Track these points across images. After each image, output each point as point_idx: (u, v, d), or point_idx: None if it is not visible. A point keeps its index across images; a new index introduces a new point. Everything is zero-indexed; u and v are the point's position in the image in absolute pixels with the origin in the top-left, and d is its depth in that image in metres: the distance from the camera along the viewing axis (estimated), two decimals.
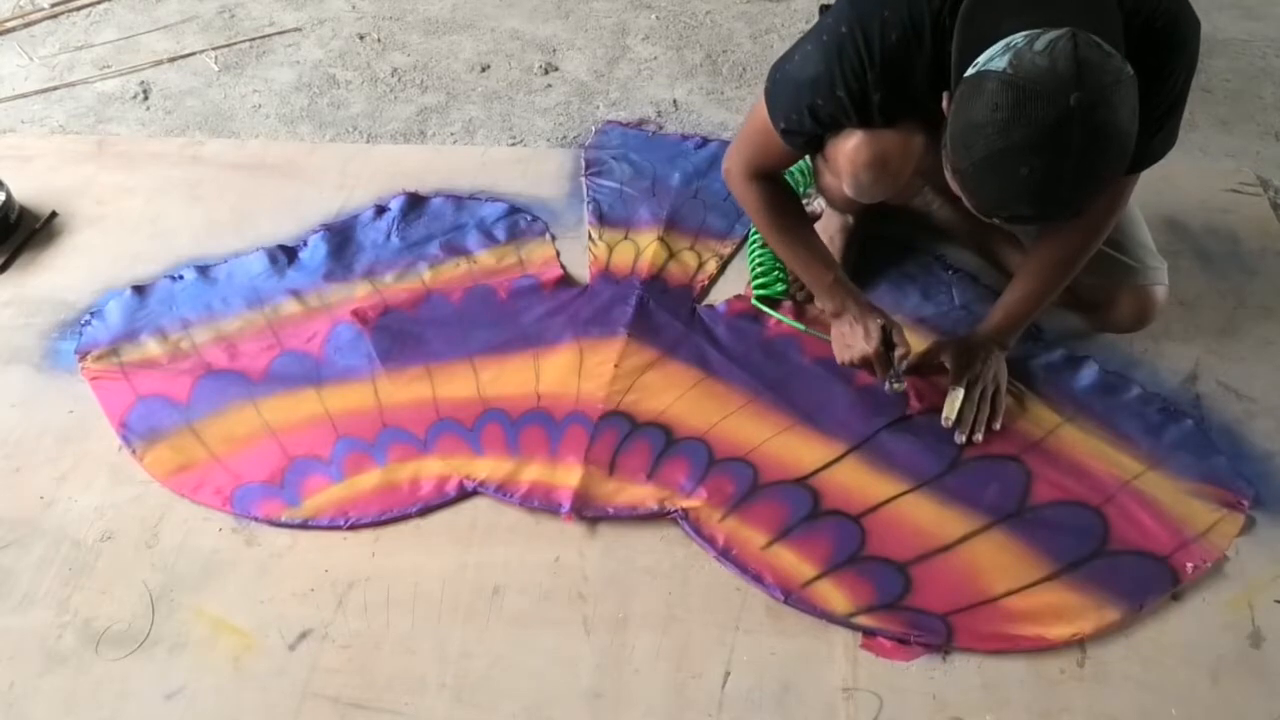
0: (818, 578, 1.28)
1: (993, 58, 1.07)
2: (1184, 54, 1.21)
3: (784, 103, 1.34)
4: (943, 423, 1.41)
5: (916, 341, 1.55)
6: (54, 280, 1.74)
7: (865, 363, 1.46)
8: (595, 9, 2.48)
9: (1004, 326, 1.46)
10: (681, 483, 1.38)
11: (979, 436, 1.41)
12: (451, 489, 1.38)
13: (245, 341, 1.60)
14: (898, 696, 1.18)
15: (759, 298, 1.64)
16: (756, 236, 1.72)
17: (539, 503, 1.36)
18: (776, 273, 1.66)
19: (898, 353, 1.44)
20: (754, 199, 1.47)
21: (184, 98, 2.21)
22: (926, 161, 1.29)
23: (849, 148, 1.31)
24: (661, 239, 1.77)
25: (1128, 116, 1.06)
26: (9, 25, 2.44)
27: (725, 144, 1.96)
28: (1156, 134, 1.26)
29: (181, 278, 1.71)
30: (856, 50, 1.22)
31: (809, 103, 1.29)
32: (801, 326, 1.59)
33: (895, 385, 1.45)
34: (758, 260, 1.69)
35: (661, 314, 1.62)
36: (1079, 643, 1.22)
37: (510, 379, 1.53)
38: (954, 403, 1.41)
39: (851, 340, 1.47)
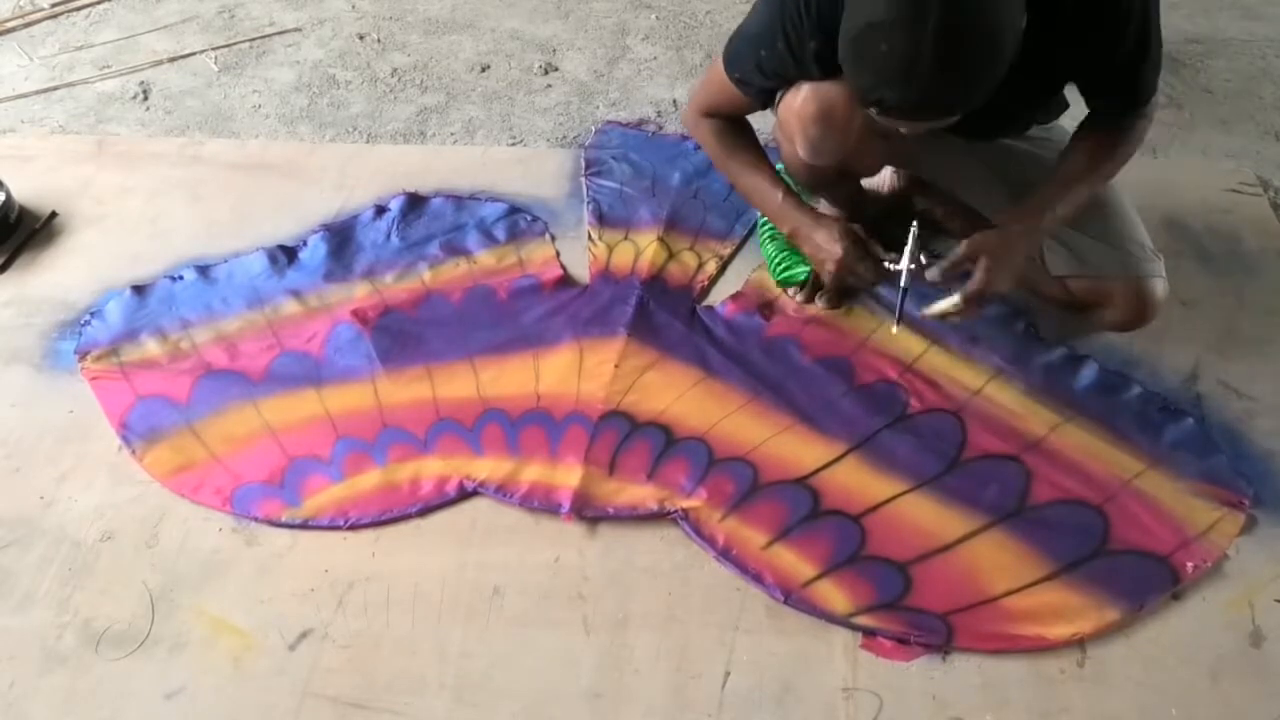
0: (818, 578, 1.28)
1: None
2: None
3: (736, 55, 1.38)
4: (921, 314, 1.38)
5: (916, 343, 1.55)
6: (54, 280, 1.74)
7: (841, 265, 1.41)
8: (595, 9, 2.48)
9: (1031, 208, 1.36)
10: (681, 483, 1.38)
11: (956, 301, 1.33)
12: (451, 489, 1.38)
13: (245, 341, 1.60)
14: (898, 696, 1.18)
15: (781, 282, 1.65)
16: (766, 227, 1.72)
17: (539, 503, 1.36)
18: (797, 256, 1.65)
19: (915, 232, 1.36)
20: (706, 130, 1.50)
21: (184, 98, 2.21)
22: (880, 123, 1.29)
23: (796, 104, 1.35)
24: (661, 239, 1.77)
25: (1000, 7, 1.06)
26: (9, 25, 2.44)
27: None
28: (1142, 62, 1.27)
29: (181, 278, 1.71)
30: (795, 2, 1.25)
31: (755, 55, 1.34)
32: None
33: (913, 268, 1.33)
34: (771, 250, 1.69)
35: (661, 314, 1.62)
36: (1079, 642, 1.22)
37: (510, 379, 1.53)
38: (909, 253, 1.35)
39: (816, 249, 1.44)
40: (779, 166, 1.79)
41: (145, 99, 2.21)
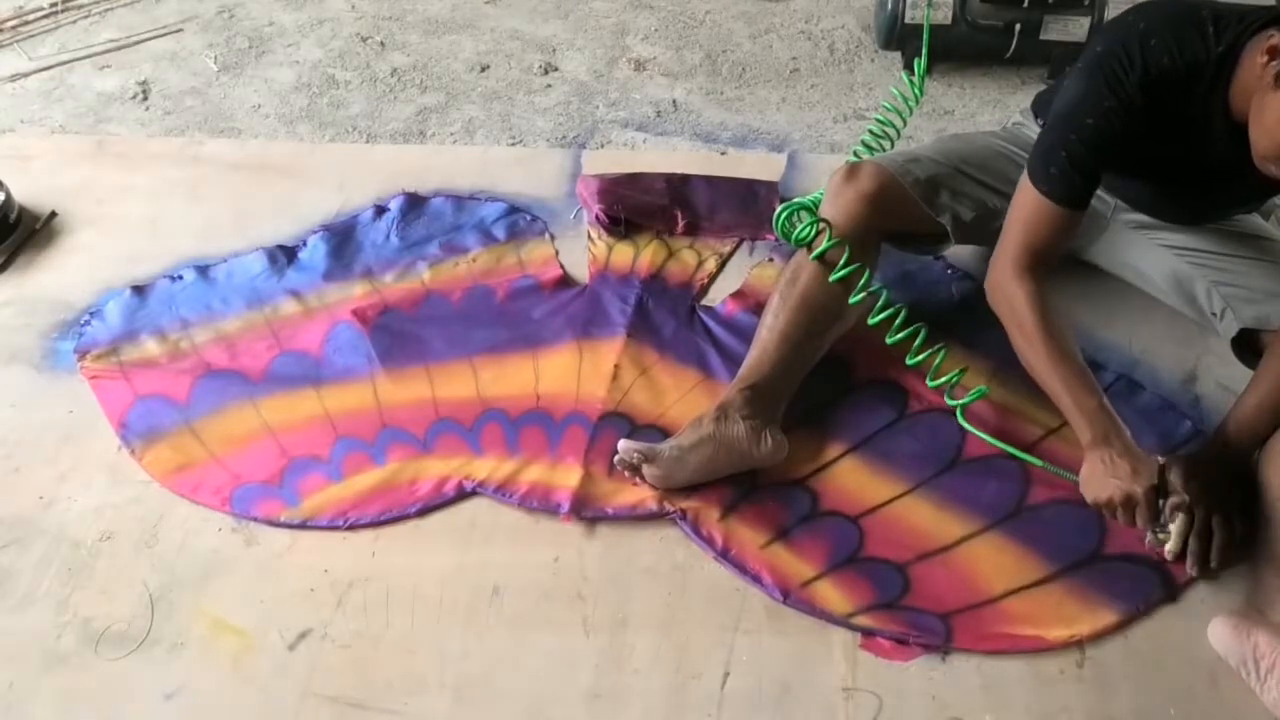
0: (817, 578, 1.28)
1: None
2: None
3: (1048, 150, 1.33)
4: (1166, 555, 1.26)
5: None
6: (54, 280, 1.74)
7: (1128, 504, 1.25)
8: (595, 9, 2.48)
9: (1234, 440, 1.31)
10: None
11: (1212, 565, 1.25)
12: (451, 489, 1.38)
13: (245, 341, 1.60)
14: (897, 696, 1.18)
15: (789, 237, 1.46)
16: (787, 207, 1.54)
17: (538, 503, 1.36)
18: (809, 213, 1.49)
19: (1171, 500, 1.25)
20: (1024, 298, 1.35)
21: (184, 98, 2.21)
22: None
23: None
24: (661, 238, 1.77)
25: None
26: (9, 25, 2.44)
27: None
28: None
29: (181, 278, 1.71)
30: (1119, 60, 1.26)
31: (1076, 128, 1.30)
32: (1040, 462, 1.37)
33: (1160, 536, 1.26)
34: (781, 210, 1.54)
35: (661, 313, 1.62)
36: (1078, 644, 1.22)
37: (510, 379, 1.53)
38: (1178, 535, 1.25)
39: (1115, 476, 1.26)
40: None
41: (145, 99, 2.21)
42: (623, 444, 1.33)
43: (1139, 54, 1.26)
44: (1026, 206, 1.36)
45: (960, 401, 1.42)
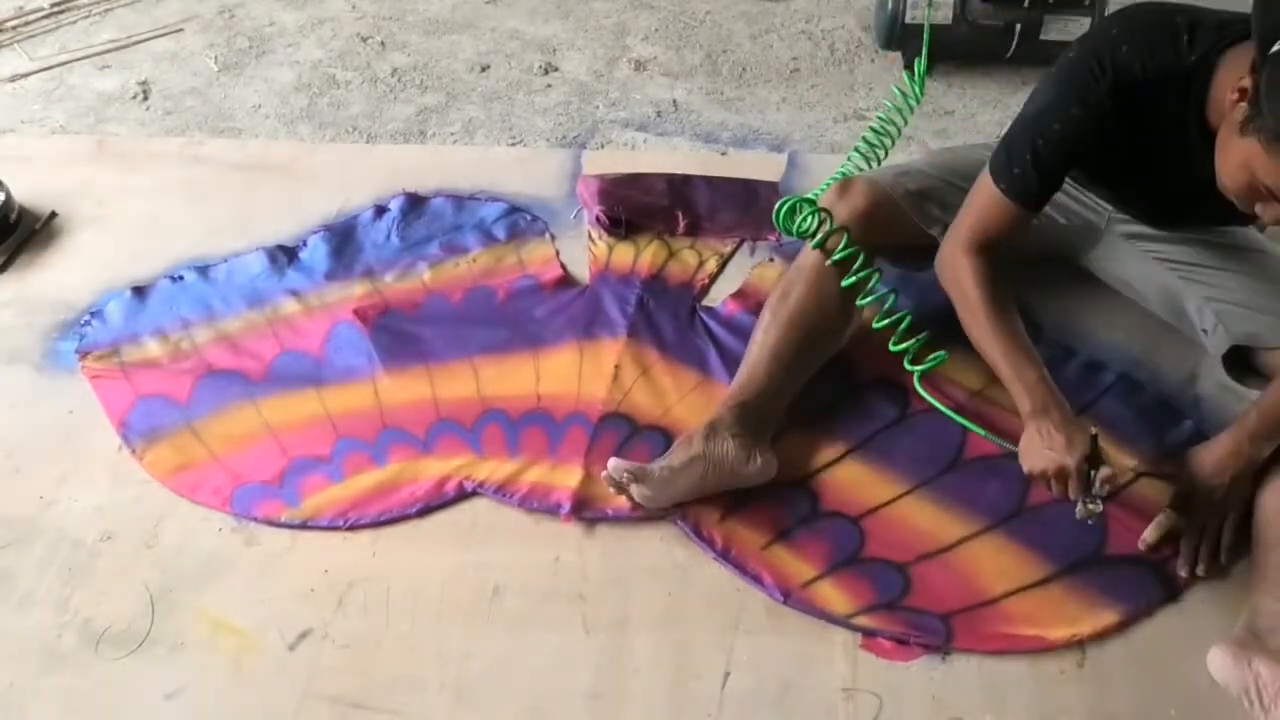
0: (817, 578, 1.28)
1: None
2: None
3: (1013, 149, 1.33)
4: (1140, 544, 1.30)
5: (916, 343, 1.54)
6: (54, 280, 1.74)
7: (1060, 475, 1.27)
8: (595, 9, 2.48)
9: (1243, 438, 1.31)
10: None
11: (1200, 570, 1.27)
12: (451, 489, 1.38)
13: (245, 341, 1.60)
14: (898, 697, 1.18)
15: (921, 375, 1.42)
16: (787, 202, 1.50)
17: (538, 504, 1.36)
18: (809, 205, 1.46)
19: (1101, 473, 1.25)
20: (968, 272, 1.37)
21: (184, 98, 2.21)
22: None
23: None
24: (661, 237, 1.77)
25: None
26: (9, 25, 2.44)
27: None
28: None
29: (181, 278, 1.71)
30: (1089, 69, 1.26)
31: (1042, 131, 1.30)
32: (982, 432, 1.38)
33: (1090, 507, 1.25)
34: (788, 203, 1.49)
35: (662, 314, 1.62)
36: (1078, 644, 1.22)
37: (510, 379, 1.53)
38: (1157, 527, 1.29)
39: (1050, 447, 1.27)
40: (842, 172, 1.63)
41: (145, 99, 2.21)
42: (612, 463, 1.32)
43: (1109, 61, 1.25)
44: (984, 200, 1.37)
45: (920, 366, 1.41)
